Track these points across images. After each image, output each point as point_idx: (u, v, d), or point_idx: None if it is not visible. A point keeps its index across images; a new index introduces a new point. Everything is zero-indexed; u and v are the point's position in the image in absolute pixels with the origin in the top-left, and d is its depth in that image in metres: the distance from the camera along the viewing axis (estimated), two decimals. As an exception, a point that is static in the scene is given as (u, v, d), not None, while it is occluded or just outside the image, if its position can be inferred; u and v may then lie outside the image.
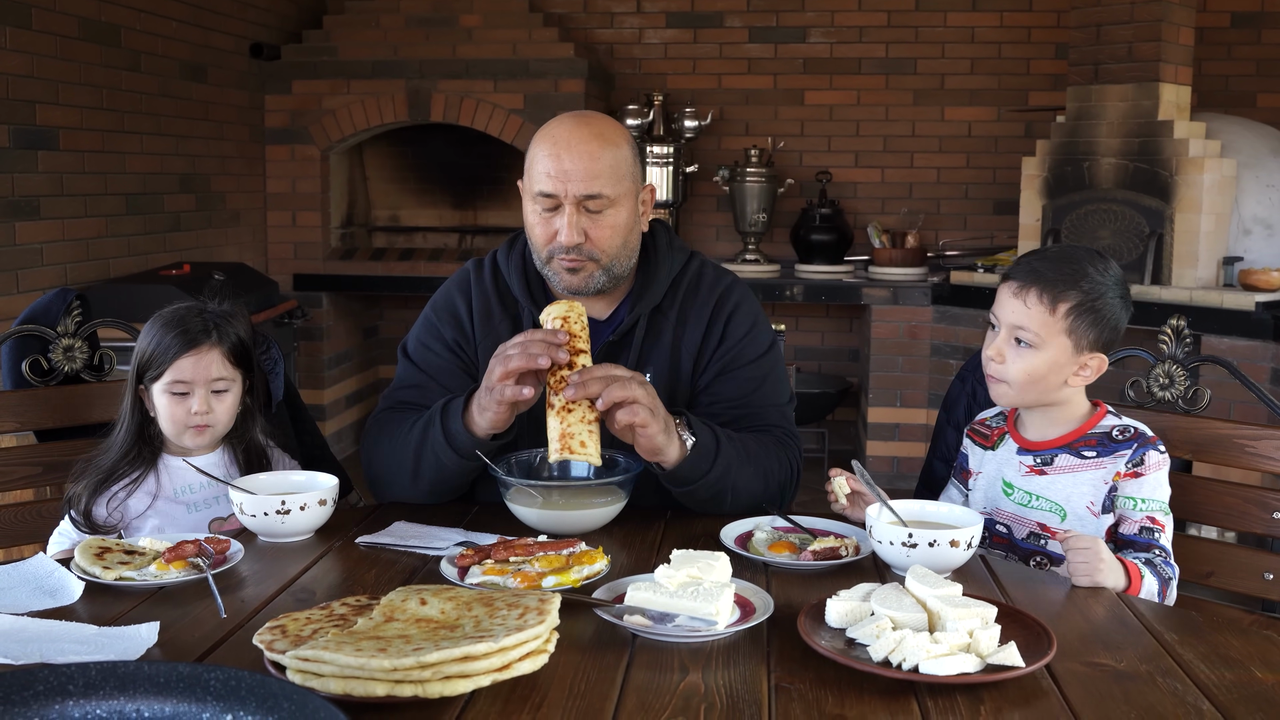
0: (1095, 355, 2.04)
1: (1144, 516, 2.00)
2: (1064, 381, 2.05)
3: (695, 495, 2.10)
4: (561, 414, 1.95)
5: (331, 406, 6.09)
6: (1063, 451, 2.07)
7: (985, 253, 6.15)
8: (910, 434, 5.71)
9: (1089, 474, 2.04)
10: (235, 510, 1.98)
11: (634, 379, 1.96)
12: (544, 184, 2.14)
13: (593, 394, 1.92)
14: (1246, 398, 4.10)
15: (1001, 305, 2.07)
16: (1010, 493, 2.11)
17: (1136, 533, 1.99)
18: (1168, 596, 1.93)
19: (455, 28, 6.00)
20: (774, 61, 6.47)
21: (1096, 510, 2.02)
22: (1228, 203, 4.89)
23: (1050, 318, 2.01)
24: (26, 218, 4.12)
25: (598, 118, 2.22)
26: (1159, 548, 1.98)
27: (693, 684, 1.41)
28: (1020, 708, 1.37)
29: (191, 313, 2.19)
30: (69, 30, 4.35)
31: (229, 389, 2.17)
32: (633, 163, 2.20)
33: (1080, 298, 2.01)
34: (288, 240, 6.09)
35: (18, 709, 1.08)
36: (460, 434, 2.06)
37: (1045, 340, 2.01)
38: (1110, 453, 2.03)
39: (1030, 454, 2.10)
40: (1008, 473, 2.13)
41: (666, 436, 2.00)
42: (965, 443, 2.25)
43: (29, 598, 1.67)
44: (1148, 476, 2.00)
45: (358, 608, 1.52)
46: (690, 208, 6.51)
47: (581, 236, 2.14)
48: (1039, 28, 6.28)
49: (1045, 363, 2.02)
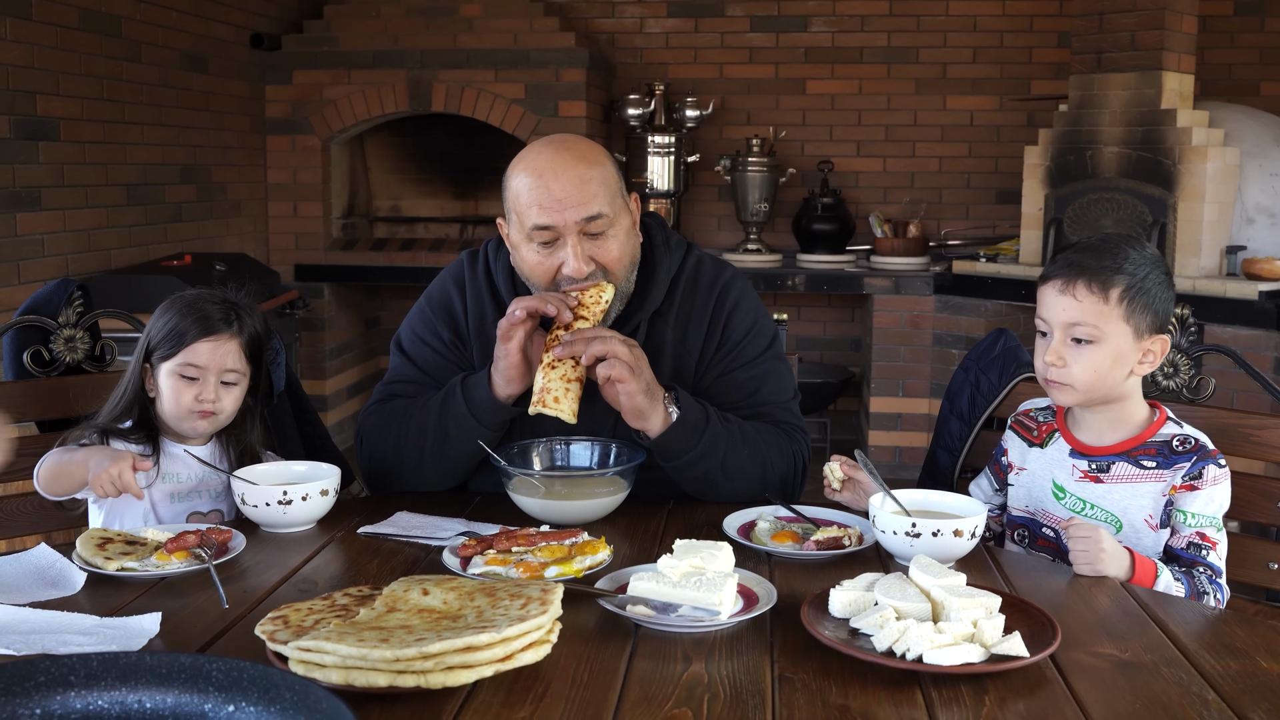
0: (1156, 338, 1.95)
1: (1193, 532, 1.92)
2: (1129, 372, 1.96)
3: (686, 473, 2.10)
4: (546, 370, 2.02)
5: (333, 397, 6.09)
6: (1121, 459, 1.98)
7: (987, 242, 6.14)
8: (912, 424, 5.71)
9: (1148, 486, 1.95)
10: (237, 500, 1.98)
11: (618, 338, 2.00)
12: (538, 216, 2.06)
13: (577, 352, 1.98)
14: (1250, 387, 4.09)
15: (1049, 307, 1.97)
16: (1062, 497, 2.03)
17: (1184, 548, 1.92)
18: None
19: (456, 17, 5.98)
20: (775, 50, 6.46)
21: (1155, 524, 1.95)
22: (1231, 192, 4.88)
23: (1105, 307, 1.91)
24: (27, 208, 4.12)
25: (573, 139, 2.18)
26: (1205, 565, 1.91)
27: (696, 674, 1.41)
28: (1025, 698, 1.36)
29: (214, 299, 2.17)
30: (69, 21, 4.34)
31: (238, 382, 2.15)
32: (618, 177, 2.16)
33: (1129, 280, 1.91)
34: (289, 231, 6.09)
35: (19, 700, 1.08)
36: (486, 401, 2.09)
37: (1105, 332, 1.91)
38: (1170, 465, 1.95)
39: (1085, 458, 2.01)
40: (1059, 475, 2.04)
41: (649, 400, 2.01)
42: (1008, 434, 2.16)
43: (31, 588, 1.67)
44: (1203, 491, 1.92)
45: (360, 598, 1.52)
46: (692, 198, 6.50)
47: (590, 264, 2.08)
48: (1041, 16, 6.26)
49: (1109, 355, 1.92)
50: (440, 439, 2.14)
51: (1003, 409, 2.42)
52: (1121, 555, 1.82)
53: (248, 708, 1.07)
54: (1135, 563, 1.83)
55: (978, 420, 2.42)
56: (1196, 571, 1.90)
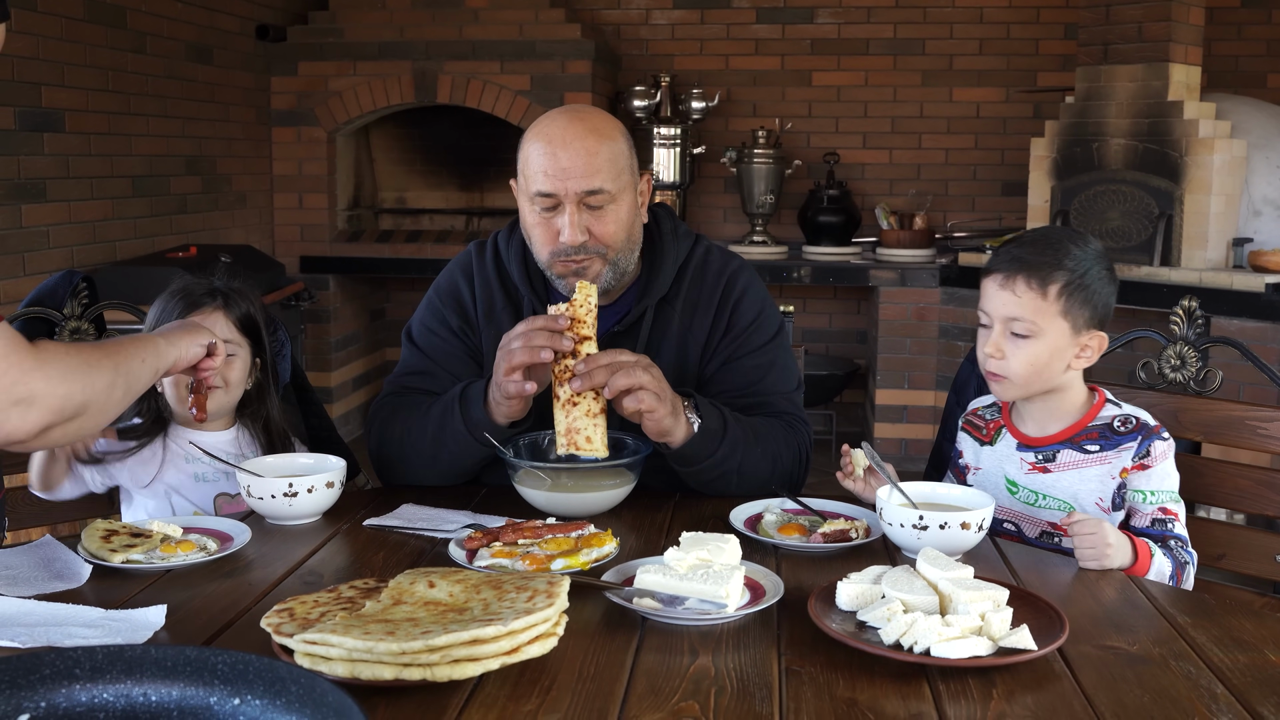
0: (1094, 334, 1.99)
1: (1155, 509, 1.95)
2: (1067, 366, 2.00)
3: (701, 476, 2.09)
4: (566, 407, 1.95)
5: (339, 389, 6.09)
6: (1064, 447, 2.02)
7: (993, 234, 6.12)
8: (918, 416, 5.70)
9: (1094, 470, 1.99)
10: (242, 493, 1.98)
11: (639, 363, 1.95)
12: (541, 183, 2.09)
13: (598, 384, 1.92)
14: (1257, 379, 4.07)
15: (989, 300, 2.01)
16: (1015, 491, 2.06)
17: (1149, 525, 1.95)
18: (1184, 580, 1.91)
19: (461, 9, 5.98)
20: (781, 42, 6.44)
21: (1106, 506, 1.98)
22: (1238, 184, 4.86)
23: (1043, 303, 1.95)
24: (33, 200, 4.12)
25: (590, 111, 2.19)
26: (1174, 537, 1.94)
27: (703, 667, 1.41)
28: (1033, 691, 1.36)
29: (201, 284, 2.22)
30: (75, 12, 4.34)
31: (235, 354, 2.16)
32: (629, 154, 2.16)
33: (1068, 276, 1.95)
34: (294, 222, 6.09)
35: (24, 693, 1.07)
36: (482, 421, 2.05)
37: (1042, 327, 1.95)
38: (1114, 446, 1.98)
39: (1031, 450, 2.05)
40: (1009, 470, 2.08)
41: (674, 419, 1.99)
42: (960, 436, 2.19)
43: (36, 581, 1.67)
44: (1155, 468, 1.95)
45: (366, 591, 1.52)
46: (698, 189, 6.49)
47: (585, 234, 2.10)
48: (1048, 8, 6.25)
49: (1047, 350, 1.96)
50: (438, 448, 2.13)
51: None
52: (1124, 545, 1.82)
53: (253, 700, 1.07)
54: (1139, 546, 1.84)
55: (984, 413, 2.42)
56: (1171, 545, 1.92)
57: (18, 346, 1.48)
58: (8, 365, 1.46)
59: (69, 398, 1.53)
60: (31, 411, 1.49)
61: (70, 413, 1.54)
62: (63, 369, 1.53)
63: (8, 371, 1.46)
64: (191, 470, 2.18)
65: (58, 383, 1.51)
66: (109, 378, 1.61)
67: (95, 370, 1.58)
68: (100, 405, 1.60)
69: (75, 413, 1.55)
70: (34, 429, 1.51)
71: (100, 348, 1.66)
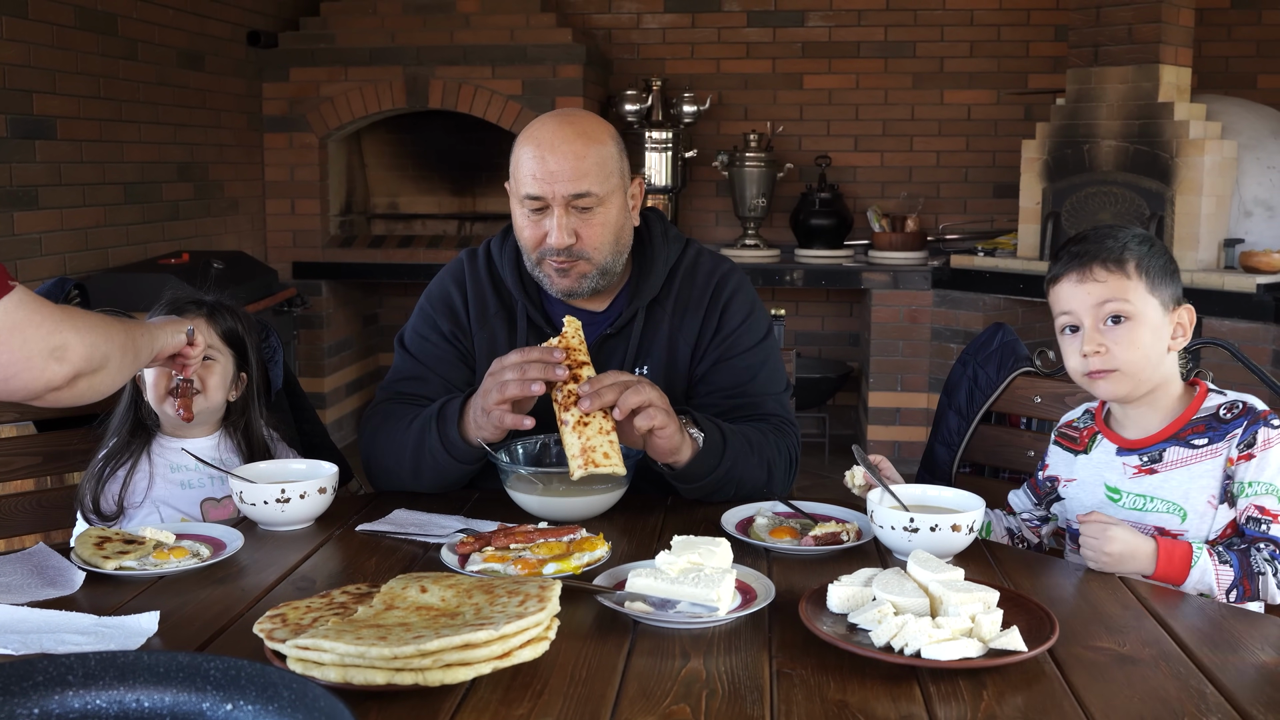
0: (1183, 308, 1.90)
1: (1250, 504, 1.80)
2: (1166, 348, 1.88)
3: (704, 489, 2.09)
4: (578, 429, 1.92)
5: (331, 395, 6.08)
6: (1170, 444, 1.89)
7: (985, 236, 6.14)
8: (911, 418, 5.71)
9: (1205, 465, 1.85)
10: (235, 498, 1.98)
11: (643, 382, 1.95)
12: (530, 186, 2.11)
13: (608, 402, 1.91)
14: (1248, 380, 4.08)
15: (1069, 299, 1.90)
16: (1118, 498, 1.92)
17: (1244, 523, 1.81)
18: (1256, 592, 1.76)
19: (453, 14, 5.98)
20: (772, 46, 6.45)
21: (1215, 502, 1.84)
22: (1228, 185, 4.88)
23: (1129, 281, 1.85)
24: (25, 207, 4.12)
25: (581, 115, 2.20)
26: (1270, 540, 1.78)
27: (694, 670, 1.41)
28: (1023, 692, 1.36)
29: (186, 295, 2.24)
30: (65, 19, 4.34)
31: (215, 359, 2.17)
32: (619, 158, 2.17)
33: (1139, 254, 1.87)
34: (286, 228, 6.09)
35: (17, 700, 1.08)
36: (458, 443, 2.06)
37: (1136, 305, 1.85)
38: (1222, 435, 1.85)
39: (1134, 453, 1.92)
40: (1110, 477, 1.94)
41: (681, 436, 2.00)
42: (1051, 450, 2.07)
43: (29, 588, 1.67)
44: (1259, 457, 1.81)
45: (358, 596, 1.52)
46: (689, 193, 6.50)
47: (572, 237, 2.12)
48: (1038, 10, 6.26)
49: (1148, 329, 1.85)
50: (418, 463, 2.12)
51: (1000, 403, 2.43)
52: (1140, 551, 1.76)
53: (246, 706, 1.07)
54: (1161, 552, 1.76)
55: (976, 415, 2.43)
56: (1257, 549, 1.78)
57: (45, 303, 1.65)
58: (41, 318, 1.62)
59: (95, 347, 1.69)
60: (65, 360, 1.65)
61: (96, 364, 1.70)
62: (88, 322, 1.70)
63: (43, 323, 1.62)
64: (178, 479, 2.18)
65: (85, 333, 1.68)
66: (122, 339, 1.78)
67: (112, 330, 1.76)
68: (117, 363, 1.77)
69: (99, 365, 1.71)
70: (67, 377, 1.66)
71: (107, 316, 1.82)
